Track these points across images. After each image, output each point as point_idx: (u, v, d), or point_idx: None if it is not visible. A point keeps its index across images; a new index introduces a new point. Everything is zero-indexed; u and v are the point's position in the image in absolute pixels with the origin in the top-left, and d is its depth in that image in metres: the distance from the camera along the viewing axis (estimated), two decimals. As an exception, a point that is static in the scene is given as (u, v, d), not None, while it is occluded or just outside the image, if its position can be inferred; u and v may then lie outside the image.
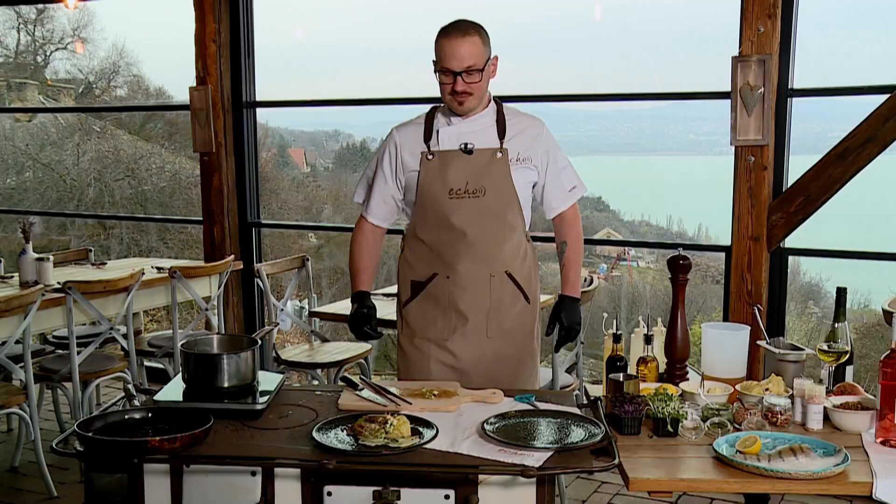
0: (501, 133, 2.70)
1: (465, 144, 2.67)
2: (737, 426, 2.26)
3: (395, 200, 2.81)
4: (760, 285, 4.14)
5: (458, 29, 2.58)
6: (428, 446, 2.01)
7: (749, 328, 2.67)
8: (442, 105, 2.73)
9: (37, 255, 4.51)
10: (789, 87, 4.09)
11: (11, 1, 9.69)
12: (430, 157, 2.68)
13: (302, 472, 1.98)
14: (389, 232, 2.94)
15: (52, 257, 4.59)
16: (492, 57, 2.66)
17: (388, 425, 2.04)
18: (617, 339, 2.59)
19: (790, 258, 4.25)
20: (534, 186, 2.81)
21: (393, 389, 2.42)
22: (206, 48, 5.45)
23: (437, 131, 2.70)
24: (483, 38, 2.61)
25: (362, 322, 2.74)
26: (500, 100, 2.80)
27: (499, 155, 2.67)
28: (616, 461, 1.95)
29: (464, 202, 2.65)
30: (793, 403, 2.34)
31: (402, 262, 2.84)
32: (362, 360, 4.57)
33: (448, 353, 2.74)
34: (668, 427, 2.22)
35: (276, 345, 4.51)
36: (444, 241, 2.69)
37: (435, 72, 2.65)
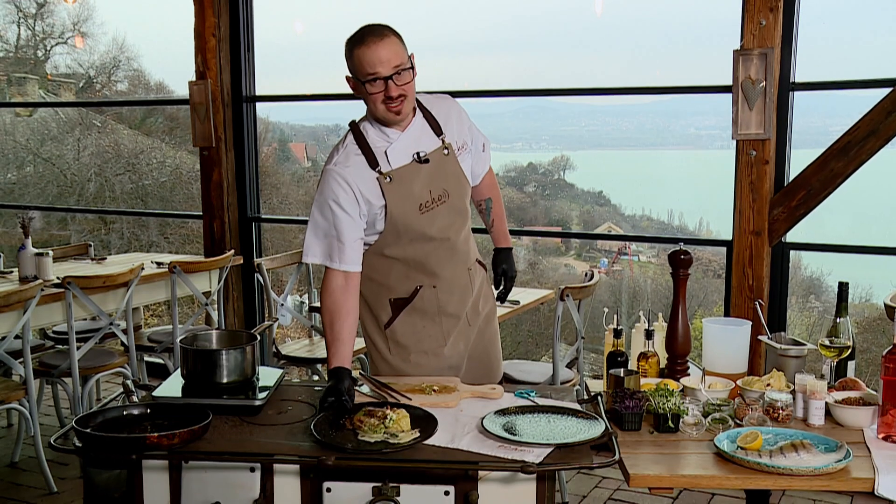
0: (436, 128, 2.57)
1: (418, 154, 2.51)
2: (738, 422, 2.26)
3: (362, 240, 2.55)
4: (762, 280, 4.13)
5: (373, 33, 2.38)
6: (427, 442, 2.00)
7: (750, 323, 2.66)
8: (363, 125, 2.52)
9: (36, 250, 4.50)
10: (791, 80, 4.07)
11: (11, -5, 9.67)
12: (387, 179, 2.45)
13: (301, 468, 1.98)
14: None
15: (51, 252, 4.59)
16: (410, 54, 2.45)
17: (387, 420, 2.03)
18: (618, 334, 2.58)
19: (791, 252, 4.24)
20: None
21: (393, 385, 2.41)
22: (205, 42, 5.44)
23: (385, 152, 2.48)
24: (399, 37, 2.43)
25: (337, 412, 2.18)
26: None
27: (445, 152, 2.56)
28: (617, 457, 1.94)
29: (435, 212, 2.53)
30: (794, 399, 2.33)
31: (370, 284, 2.63)
32: (362, 356, 4.56)
33: (442, 359, 2.69)
34: (669, 423, 2.21)
35: (275, 340, 4.51)
36: (424, 252, 2.57)
37: (357, 89, 2.44)
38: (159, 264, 4.95)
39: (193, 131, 5.56)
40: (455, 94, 2.89)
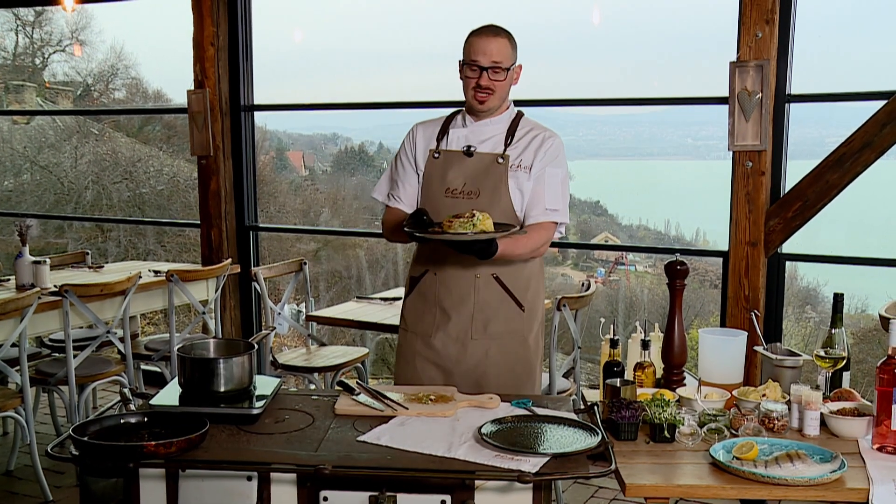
0: (509, 140, 2.73)
1: (468, 147, 2.73)
2: (733, 432, 2.26)
3: (417, 191, 2.83)
4: (758, 290, 4.14)
5: (490, 29, 2.69)
6: (424, 452, 2.01)
7: (746, 334, 2.67)
8: (463, 109, 2.80)
9: (33, 258, 4.50)
10: (787, 92, 4.09)
11: (9, 3, 9.68)
12: (436, 155, 2.76)
13: (298, 477, 1.98)
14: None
15: (48, 260, 4.59)
16: (517, 64, 2.74)
17: (475, 219, 2.35)
18: (614, 344, 2.59)
19: (787, 263, 4.25)
20: None
21: (389, 394, 2.41)
22: (204, 51, 5.45)
23: (449, 132, 2.77)
24: (512, 42, 2.71)
25: (419, 214, 2.58)
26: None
27: (500, 161, 2.70)
28: (613, 467, 1.95)
29: (458, 202, 2.68)
30: (789, 409, 2.34)
31: (412, 259, 2.92)
32: (359, 365, 4.57)
33: (432, 350, 2.78)
34: (665, 433, 2.22)
35: (273, 349, 4.51)
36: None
37: (461, 71, 2.72)
38: (156, 272, 4.94)
39: (191, 140, 5.57)
40: (454, 105, 2.92)
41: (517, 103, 5.30)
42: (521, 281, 2.78)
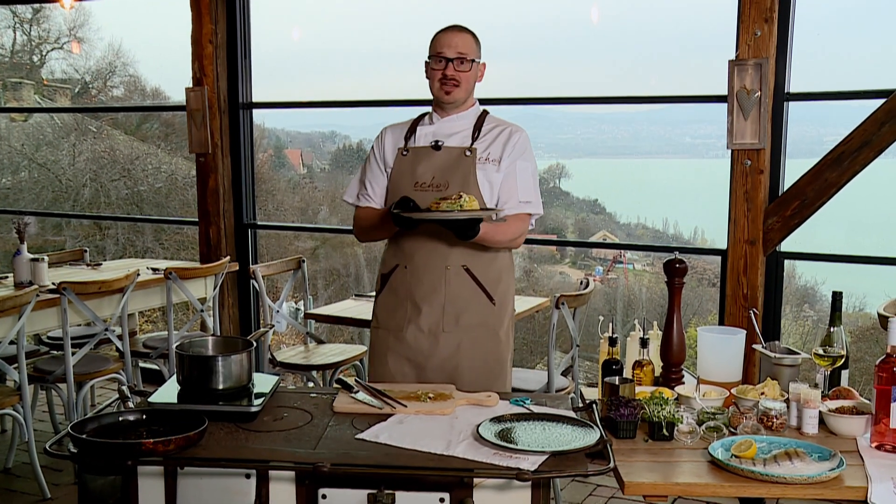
0: (476, 135, 2.81)
1: (436, 142, 2.80)
2: (732, 430, 2.26)
3: (383, 189, 2.90)
4: (756, 289, 4.14)
5: (456, 26, 2.80)
6: (423, 449, 2.01)
7: (745, 332, 2.67)
8: (430, 110, 2.88)
9: (32, 256, 4.49)
10: (786, 90, 4.09)
11: (7, 0, 9.67)
12: (405, 153, 2.83)
13: (297, 475, 1.98)
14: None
15: (47, 258, 4.58)
16: (481, 61, 2.82)
17: (462, 199, 2.42)
18: (613, 342, 2.59)
19: (786, 262, 4.25)
20: None
21: (388, 392, 2.41)
22: (202, 49, 5.45)
23: (417, 130, 2.85)
24: (476, 40, 2.81)
25: (405, 201, 2.59)
26: (484, 102, 2.92)
27: (467, 154, 2.76)
28: (611, 465, 1.95)
29: (426, 194, 2.72)
30: (788, 407, 2.34)
31: (381, 257, 2.98)
32: (357, 363, 4.56)
33: (403, 344, 2.80)
34: (664, 431, 2.22)
35: (271, 346, 4.51)
36: (405, 232, 2.75)
37: (427, 69, 2.81)
38: (155, 270, 4.94)
39: (190, 137, 5.56)
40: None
41: (516, 102, 5.31)
42: (492, 274, 2.81)
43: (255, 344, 2.44)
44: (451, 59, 2.73)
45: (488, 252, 2.79)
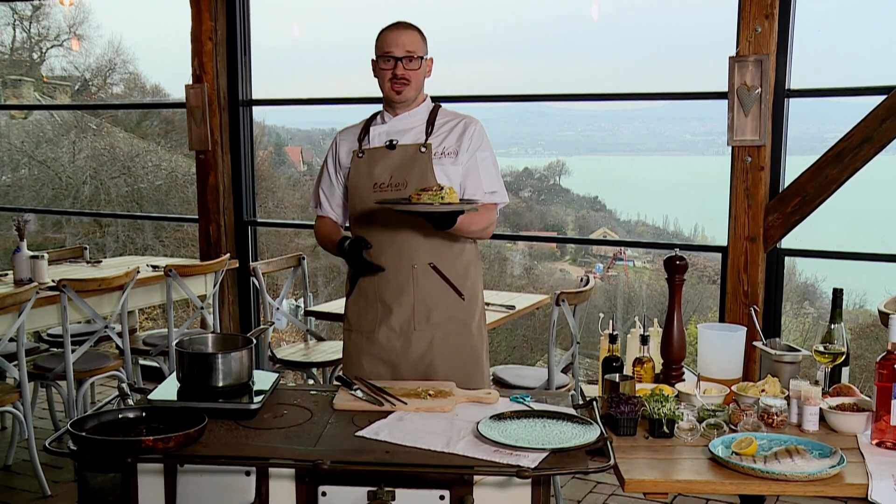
0: (430, 130, 2.80)
1: (391, 141, 2.79)
2: (733, 427, 2.26)
3: (342, 199, 2.93)
4: (757, 286, 4.14)
5: (400, 24, 2.78)
6: (423, 447, 2.01)
7: (745, 329, 2.67)
8: (381, 109, 2.87)
9: (31, 253, 4.49)
10: (786, 87, 4.09)
11: (7, -2, 9.66)
12: (360, 155, 2.81)
13: (296, 472, 1.98)
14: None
15: (46, 255, 4.58)
16: (428, 57, 2.81)
17: (442, 192, 2.40)
18: (613, 339, 2.59)
19: (786, 258, 4.25)
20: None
21: (388, 389, 2.41)
22: (202, 46, 5.44)
23: (370, 131, 2.84)
24: (422, 35, 2.79)
25: (357, 246, 2.71)
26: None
27: (423, 150, 2.75)
28: (612, 462, 1.95)
29: (387, 195, 2.72)
30: (788, 405, 2.34)
31: None
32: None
33: (376, 345, 2.80)
34: (664, 428, 2.22)
35: (271, 344, 4.51)
36: (369, 229, 2.76)
37: (375, 68, 2.78)
38: (155, 267, 4.94)
39: (190, 135, 5.56)
40: (451, 100, 2.94)
41: (517, 99, 5.30)
42: (459, 269, 2.80)
43: (254, 341, 2.43)
44: (399, 58, 2.71)
45: (454, 248, 2.79)
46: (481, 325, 2.90)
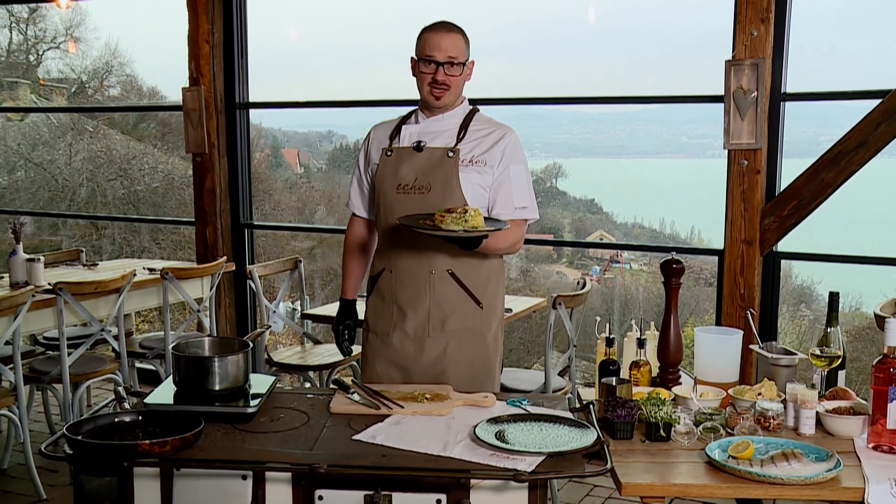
0: (462, 135, 2.73)
1: (418, 142, 2.74)
2: (729, 431, 2.26)
3: (370, 196, 2.89)
4: (753, 289, 4.14)
5: (444, 25, 2.70)
6: (420, 450, 2.00)
7: (742, 332, 2.67)
8: (418, 108, 2.82)
9: (27, 256, 4.48)
10: (782, 90, 4.10)
11: (3, 0, 9.65)
12: (388, 153, 2.77)
13: (293, 476, 1.97)
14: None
15: (42, 258, 4.56)
16: (470, 60, 2.74)
17: (467, 214, 2.35)
18: (610, 342, 2.59)
19: (782, 262, 4.26)
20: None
21: (385, 393, 2.41)
22: (199, 49, 5.44)
23: (402, 130, 2.79)
24: (465, 38, 2.72)
25: (338, 338, 3.00)
26: (480, 102, 2.84)
27: (450, 154, 2.69)
28: (608, 466, 1.94)
29: (409, 197, 2.69)
30: (785, 408, 2.34)
31: (371, 261, 2.98)
32: (354, 363, 4.56)
33: (390, 349, 2.79)
34: (661, 431, 2.22)
35: (268, 347, 4.50)
36: (390, 232, 2.74)
37: (414, 68, 2.73)
38: (151, 270, 4.93)
39: (186, 137, 5.55)
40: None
41: (512, 101, 5.31)
42: (480, 278, 2.75)
43: (251, 344, 2.43)
44: (441, 63, 2.64)
45: (475, 256, 2.72)
46: (498, 334, 2.86)
